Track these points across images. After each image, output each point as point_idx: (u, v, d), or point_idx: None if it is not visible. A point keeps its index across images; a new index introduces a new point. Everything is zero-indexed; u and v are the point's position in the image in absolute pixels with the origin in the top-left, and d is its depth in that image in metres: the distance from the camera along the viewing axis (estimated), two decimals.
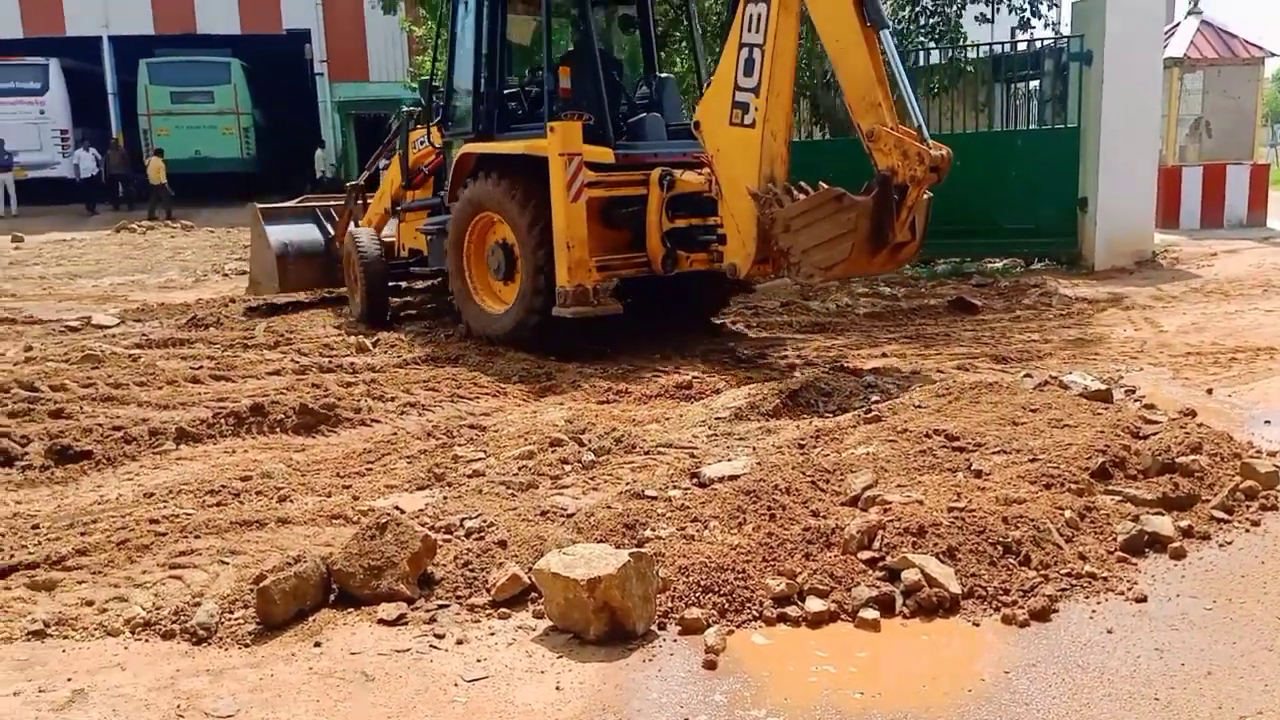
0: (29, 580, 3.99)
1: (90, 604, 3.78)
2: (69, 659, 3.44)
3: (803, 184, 6.93)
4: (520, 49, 9.52)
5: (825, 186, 6.85)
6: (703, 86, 7.86)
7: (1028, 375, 6.34)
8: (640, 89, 8.82)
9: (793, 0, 6.96)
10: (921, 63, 13.22)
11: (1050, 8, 13.01)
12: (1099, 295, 9.85)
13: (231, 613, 3.66)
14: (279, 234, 10.31)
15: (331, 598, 3.76)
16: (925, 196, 6.75)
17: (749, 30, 7.12)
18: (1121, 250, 11.43)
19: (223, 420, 6.07)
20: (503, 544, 4.04)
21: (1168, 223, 13.92)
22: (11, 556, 4.19)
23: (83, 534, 4.40)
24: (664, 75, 8.92)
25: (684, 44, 9.74)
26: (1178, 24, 15.72)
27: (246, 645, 3.48)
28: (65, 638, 3.57)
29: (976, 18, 13.68)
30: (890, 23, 6.97)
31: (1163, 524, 4.07)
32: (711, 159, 7.45)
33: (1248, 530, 4.14)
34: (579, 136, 7.52)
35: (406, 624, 3.59)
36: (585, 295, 7.50)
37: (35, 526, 4.56)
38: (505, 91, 8.46)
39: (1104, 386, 5.83)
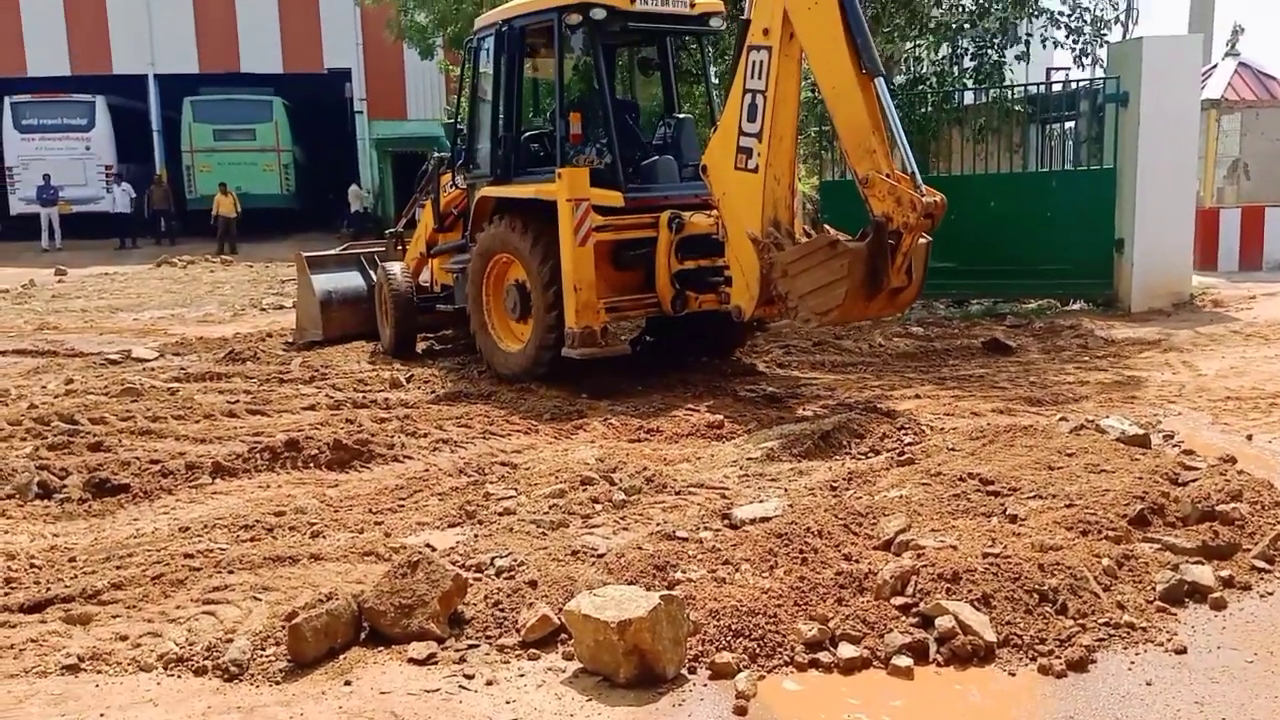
0: (64, 614, 4.03)
1: (124, 639, 3.81)
2: (102, 694, 3.47)
3: (807, 228, 6.98)
4: (545, 90, 9.67)
5: (829, 230, 6.92)
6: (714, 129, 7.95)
7: (1064, 419, 6.29)
8: (659, 129, 8.93)
9: (793, 47, 7.06)
10: (960, 103, 13.24)
11: (1102, 45, 12.98)
12: (1136, 337, 9.74)
13: (263, 649, 3.67)
14: (323, 282, 10.59)
15: (362, 635, 3.77)
16: (922, 241, 6.80)
17: (752, 76, 7.23)
18: (1159, 292, 11.31)
19: (258, 455, 6.13)
20: (533, 584, 4.04)
21: (1206, 264, 13.76)
22: (48, 589, 4.24)
23: (118, 568, 4.45)
24: (682, 116, 9.04)
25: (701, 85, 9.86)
26: (1215, 65, 15.65)
27: (277, 683, 3.49)
28: (99, 672, 3.61)
29: (1017, 57, 13.67)
30: (884, 71, 7.06)
31: (1203, 573, 4.00)
32: (718, 202, 7.54)
33: None
34: (586, 182, 7.68)
35: (436, 663, 3.59)
36: (593, 336, 7.62)
37: (72, 560, 4.62)
38: (526, 134, 8.61)
39: (1142, 431, 5.76)
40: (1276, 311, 10.85)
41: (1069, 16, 13.17)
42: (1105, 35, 13.06)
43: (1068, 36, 13.11)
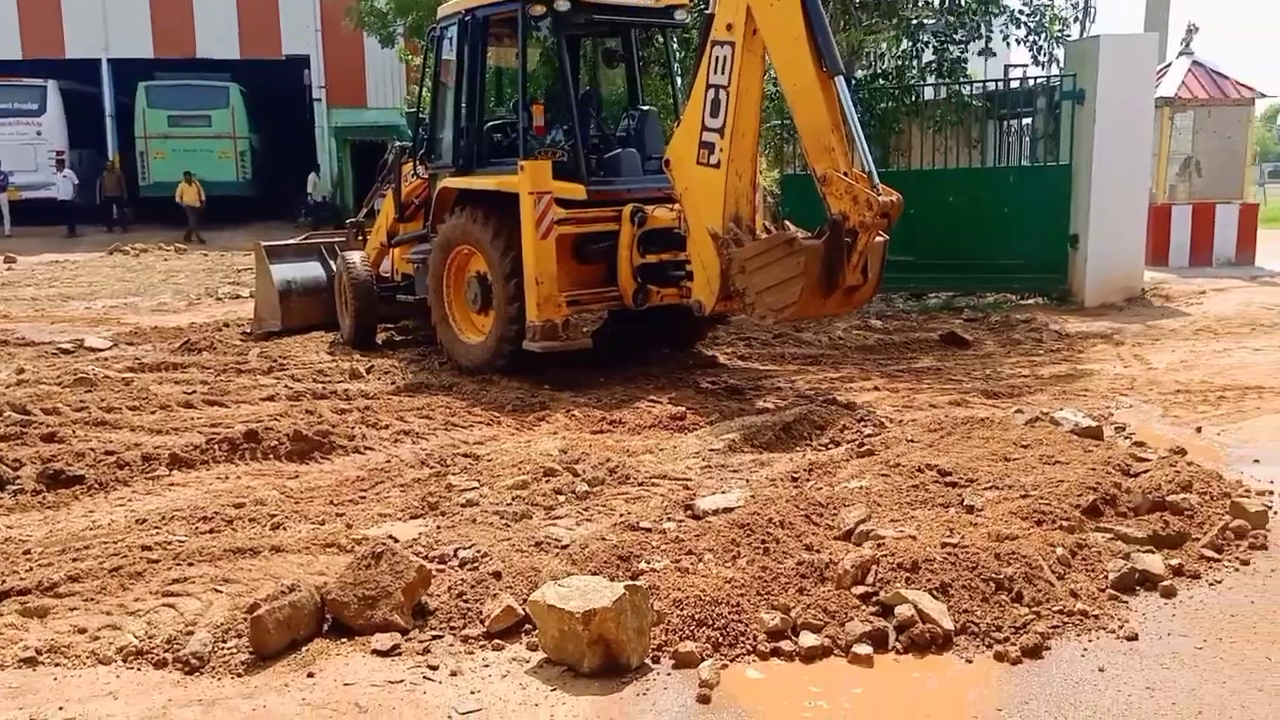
0: (21, 607, 3.97)
1: (83, 631, 3.77)
2: (61, 687, 3.43)
3: (767, 224, 7.04)
4: (508, 80, 9.63)
5: (789, 226, 6.99)
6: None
7: (1019, 411, 6.40)
8: (623, 122, 8.94)
9: (755, 43, 7.11)
10: (923, 98, 13.36)
11: (1059, 43, 13.16)
12: (1089, 331, 9.92)
13: (225, 642, 3.65)
14: (283, 272, 10.48)
15: (325, 627, 3.76)
16: (879, 240, 6.88)
17: (715, 71, 7.27)
18: (1112, 287, 11.52)
19: (216, 446, 6.07)
20: (497, 575, 4.05)
21: (1157, 260, 14.03)
22: (3, 582, 4.18)
23: (75, 560, 4.39)
24: (646, 108, 9.05)
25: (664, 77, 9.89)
26: (1169, 64, 15.91)
27: (239, 675, 3.48)
28: (57, 665, 3.57)
29: (979, 53, 13.82)
30: (845, 69, 7.14)
31: (1153, 562, 4.10)
32: (680, 197, 7.58)
33: (1237, 569, 4.17)
34: (549, 175, 7.67)
35: (400, 655, 3.59)
36: (554, 330, 7.63)
37: (27, 552, 4.55)
38: (489, 124, 8.57)
39: (1095, 423, 5.88)
40: (1225, 306, 11.10)
41: (1028, 16, 13.33)
42: (1064, 34, 13.24)
43: (1027, 35, 13.28)
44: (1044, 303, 11.73)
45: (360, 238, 10.70)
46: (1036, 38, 13.30)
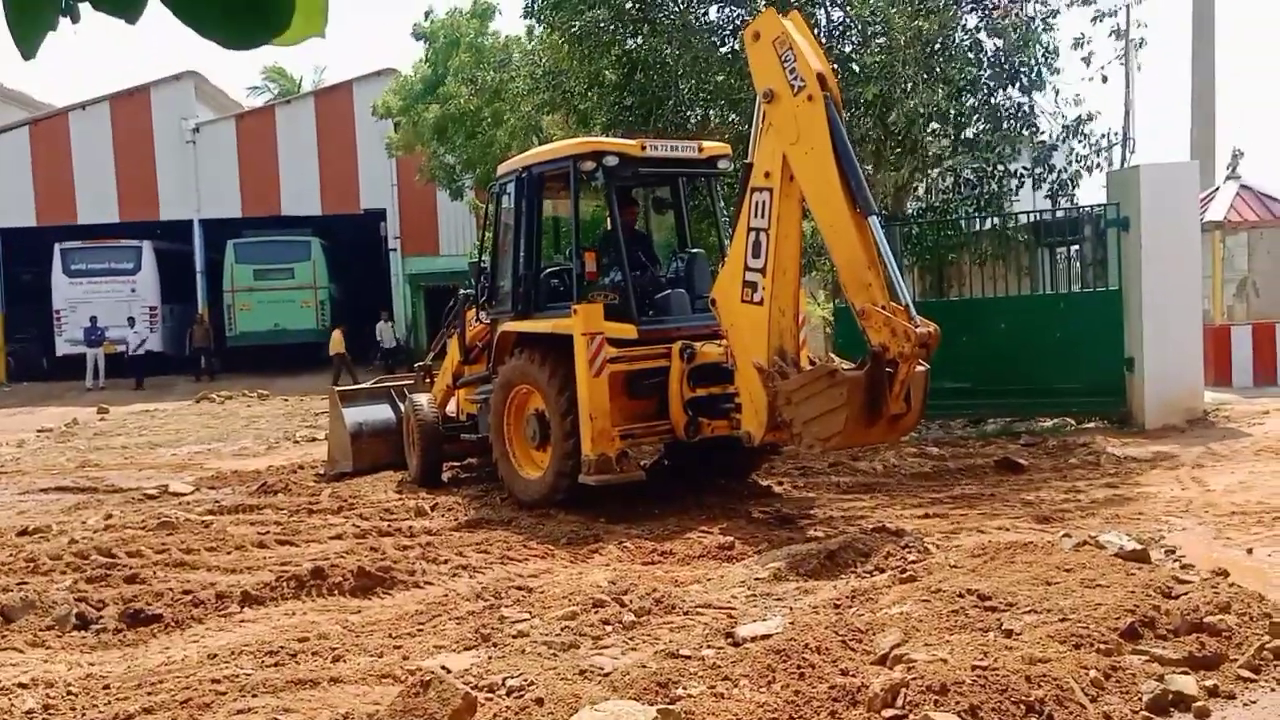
0: None
1: None
2: None
3: (813, 357, 7.32)
4: (563, 229, 10.18)
5: (832, 359, 7.25)
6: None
7: (1066, 535, 6.43)
8: (672, 264, 9.39)
9: (792, 188, 7.54)
10: (968, 230, 13.69)
11: (1075, 185, 13.47)
12: (1147, 454, 9.87)
13: None
14: (354, 415, 10.99)
15: None
16: (920, 369, 7.08)
17: (755, 215, 7.70)
18: (1172, 409, 11.45)
19: (284, 583, 6.39)
20: (540, 701, 4.22)
21: (1220, 381, 13.90)
22: (84, 715, 4.48)
23: (149, 694, 4.68)
24: (694, 251, 9.50)
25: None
26: (1217, 188, 16.07)
27: None
28: None
29: (1017, 175, 14.16)
30: (892, 206, 7.51)
31: (1187, 683, 4.12)
32: (727, 333, 7.91)
33: (1273, 689, 4.16)
34: (600, 317, 8.12)
35: None
36: (609, 463, 7.91)
37: (106, 687, 4.85)
38: (545, 271, 9.07)
39: (1140, 546, 5.90)
40: None
41: (1042, 163, 13.68)
42: (1075, 184, 13.58)
43: (1043, 179, 13.63)
44: (1104, 426, 11.68)
45: (428, 380, 11.21)
46: (1052, 181, 13.63)
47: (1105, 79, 13.56)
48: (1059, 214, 13.76)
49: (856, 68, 12.86)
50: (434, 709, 3.99)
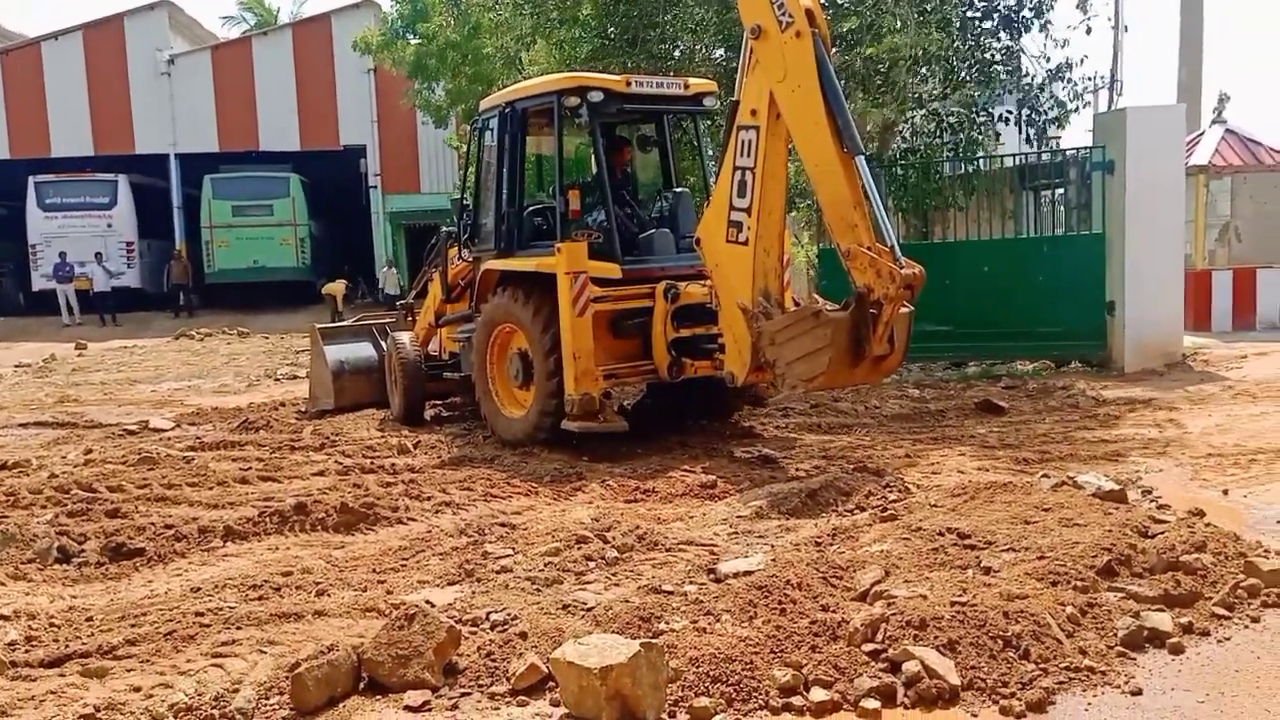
0: (82, 668, 4.27)
1: (138, 690, 4.04)
2: None
3: (797, 298, 7.28)
4: (546, 167, 10.07)
5: (816, 300, 7.22)
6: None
7: (1045, 476, 6.49)
8: (657, 203, 9.30)
9: (779, 126, 7.45)
10: (949, 173, 13.63)
11: (1063, 124, 13.41)
12: (1126, 397, 9.95)
13: (268, 699, 3.89)
14: (336, 352, 10.93)
15: (362, 685, 3.99)
16: (904, 311, 7.07)
17: (741, 154, 7.61)
18: (1151, 353, 11.54)
19: (268, 519, 6.38)
20: (524, 635, 4.26)
21: (1199, 325, 14.00)
22: (66, 646, 4.48)
23: (133, 626, 4.69)
24: (679, 190, 9.40)
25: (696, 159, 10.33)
26: (1202, 132, 16.03)
27: None
28: None
29: (994, 133, 14.09)
30: (878, 148, 7.45)
31: (1162, 620, 4.19)
32: (711, 273, 7.88)
33: (1247, 626, 4.24)
34: (584, 255, 8.05)
35: (431, 710, 3.81)
36: (592, 402, 7.90)
37: (89, 619, 4.85)
38: (529, 209, 8.98)
39: (1117, 487, 5.97)
40: (1265, 370, 11.05)
41: (1027, 104, 13.61)
42: (1062, 124, 13.52)
43: (1028, 121, 13.56)
44: (1084, 370, 11.76)
45: (410, 319, 11.14)
46: (1034, 119, 13.56)
47: (1090, 30, 13.47)
48: (1044, 157, 13.70)
49: (841, 0, 12.67)
50: (418, 641, 4.01)
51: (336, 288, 25.83)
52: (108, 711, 3.87)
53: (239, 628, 4.61)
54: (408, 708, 3.81)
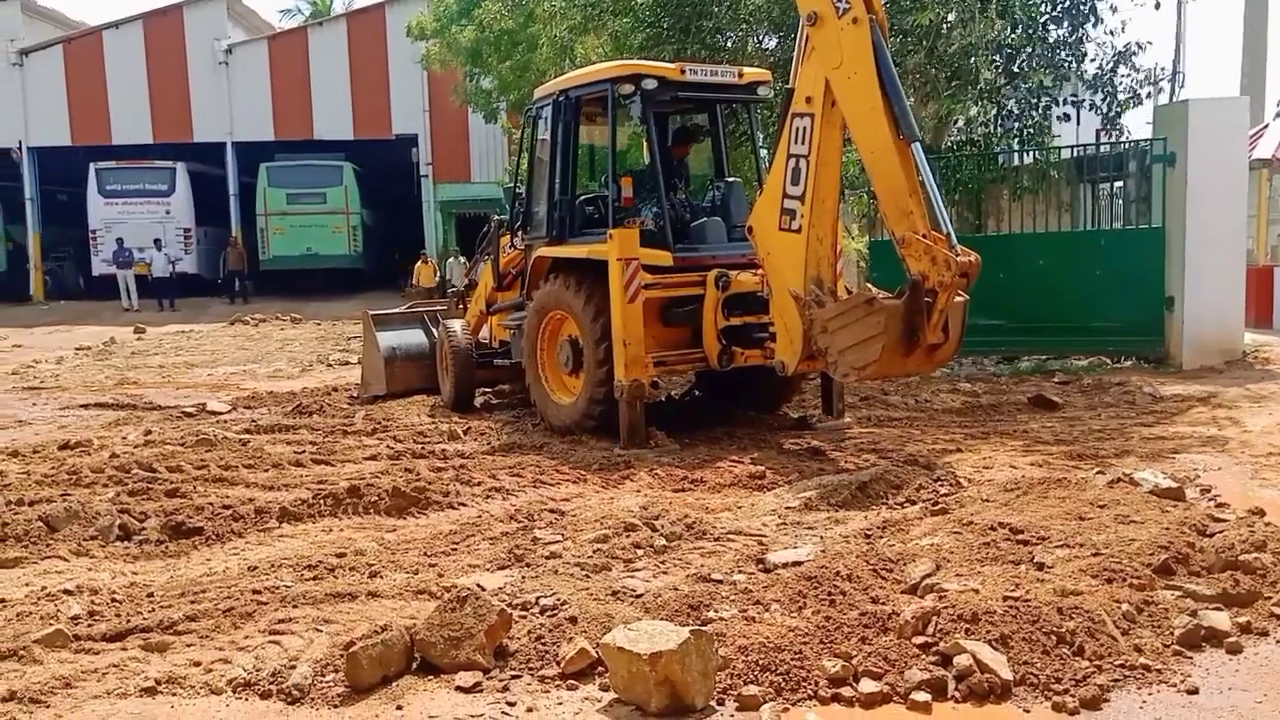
0: (143, 642, 4.36)
1: (197, 665, 4.13)
2: (176, 714, 3.78)
3: (848, 287, 7.21)
4: (599, 155, 10.08)
5: (869, 288, 7.15)
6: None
7: (1100, 472, 6.41)
8: (709, 192, 9.29)
9: (834, 114, 7.39)
10: (1007, 164, 13.45)
11: (1135, 105, 13.18)
12: (1184, 394, 9.77)
13: (323, 676, 3.96)
14: (388, 339, 11.05)
15: (414, 665, 4.04)
16: (959, 300, 6.98)
17: (795, 141, 7.56)
18: (1210, 349, 11.32)
19: (322, 501, 6.48)
20: (573, 620, 4.29)
21: (1261, 323, 13.71)
22: (128, 621, 4.58)
23: (192, 602, 4.78)
24: (731, 179, 9.38)
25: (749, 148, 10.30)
26: (1266, 125, 15.67)
27: (335, 706, 3.78)
28: (174, 695, 3.92)
29: (1059, 117, 13.87)
30: (934, 138, 7.36)
31: (1220, 619, 4.13)
32: (763, 261, 7.85)
33: None
34: (636, 243, 8.05)
35: (482, 692, 3.85)
36: (641, 391, 7.87)
37: (150, 595, 4.96)
38: (581, 197, 9.02)
39: (1175, 484, 5.87)
40: None
41: (1099, 88, 13.38)
42: (1130, 106, 13.28)
43: (1102, 103, 13.31)
44: (1140, 366, 11.57)
45: (461, 306, 11.24)
46: (1106, 109, 13.33)
47: (1158, 5, 13.18)
48: (1103, 149, 13.47)
49: None
50: (470, 624, 4.06)
51: (428, 274, 26.01)
52: (169, 685, 3.96)
53: (295, 606, 4.69)
54: (459, 688, 3.86)
